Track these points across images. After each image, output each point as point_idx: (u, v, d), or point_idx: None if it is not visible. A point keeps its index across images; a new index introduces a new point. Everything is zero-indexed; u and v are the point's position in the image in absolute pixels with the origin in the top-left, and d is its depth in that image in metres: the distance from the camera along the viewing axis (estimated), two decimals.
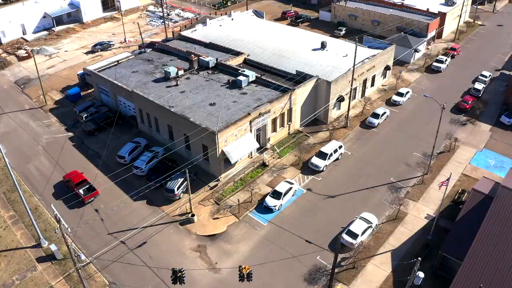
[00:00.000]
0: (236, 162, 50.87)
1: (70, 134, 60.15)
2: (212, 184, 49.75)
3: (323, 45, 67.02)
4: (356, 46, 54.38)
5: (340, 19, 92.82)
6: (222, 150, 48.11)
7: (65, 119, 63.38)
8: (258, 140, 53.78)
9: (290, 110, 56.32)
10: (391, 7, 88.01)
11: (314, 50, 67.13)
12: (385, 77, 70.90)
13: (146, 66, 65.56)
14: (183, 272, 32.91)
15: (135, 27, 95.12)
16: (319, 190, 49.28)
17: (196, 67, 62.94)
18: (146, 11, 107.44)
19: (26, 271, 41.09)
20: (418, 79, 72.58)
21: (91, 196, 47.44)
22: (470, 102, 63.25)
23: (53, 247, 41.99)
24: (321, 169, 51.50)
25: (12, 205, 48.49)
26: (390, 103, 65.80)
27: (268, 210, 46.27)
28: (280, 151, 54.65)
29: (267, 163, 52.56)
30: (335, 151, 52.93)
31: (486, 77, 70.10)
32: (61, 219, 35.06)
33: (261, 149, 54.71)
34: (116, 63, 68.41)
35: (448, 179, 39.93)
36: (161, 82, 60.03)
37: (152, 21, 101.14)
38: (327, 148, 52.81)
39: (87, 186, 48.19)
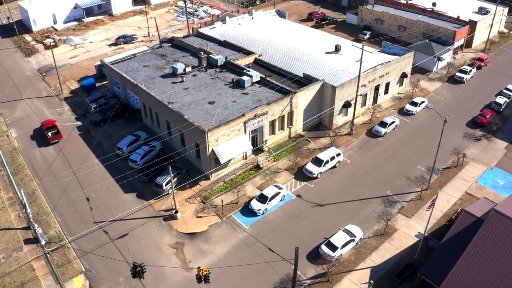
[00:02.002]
0: (228, 162, 50.72)
1: (79, 123, 62.21)
2: (203, 182, 49.82)
3: (337, 49, 65.54)
4: (362, 52, 52.62)
5: (367, 22, 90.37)
6: (212, 149, 48.03)
7: (77, 109, 65.67)
8: (255, 142, 53.34)
9: (291, 114, 55.49)
10: (420, 12, 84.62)
11: (327, 53, 65.78)
12: (402, 85, 68.31)
13: (158, 61, 66.67)
14: (143, 267, 33.19)
15: (162, 22, 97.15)
16: (309, 197, 48.25)
17: (204, 65, 63.30)
18: (175, 6, 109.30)
19: (12, 250, 42.86)
20: (437, 89, 69.41)
21: (56, 138, 57.19)
22: (488, 117, 59.74)
23: (39, 231, 43.61)
24: (315, 176, 50.40)
25: (13, 187, 50.69)
26: (403, 112, 63.32)
27: (252, 213, 45.79)
28: (276, 154, 53.89)
29: (261, 166, 52.03)
30: (332, 158, 51.61)
31: (511, 91, 65.93)
32: (26, 205, 36.37)
33: (259, 151, 54.17)
34: (132, 56, 70.02)
35: (434, 200, 37.81)
36: (168, 77, 60.86)
37: (178, 16, 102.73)
38: (323, 155, 51.61)
39: (55, 130, 57.65)
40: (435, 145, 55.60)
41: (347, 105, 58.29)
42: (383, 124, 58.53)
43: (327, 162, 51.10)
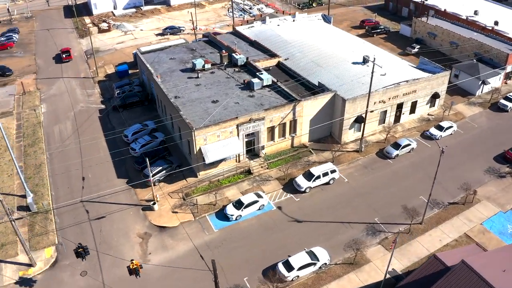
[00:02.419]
0: (218, 162, 50.63)
1: (102, 106, 65.87)
2: (190, 179, 50.33)
3: (365, 60, 62.23)
4: (374, 65, 49.30)
5: (419, 35, 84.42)
6: (200, 148, 48.24)
7: (105, 92, 69.63)
8: (251, 146, 52.61)
9: (294, 122, 53.83)
10: (477, 30, 77.12)
11: (354, 63, 62.77)
12: (434, 106, 63.00)
13: (185, 55, 68.24)
14: (85, 249, 34.43)
15: (214, 17, 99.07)
16: (289, 211, 46.59)
17: (225, 63, 63.60)
18: (231, 2, 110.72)
19: (4, 214, 46.64)
20: (475, 115, 62.97)
21: (67, 58, 79.08)
22: None
23: (29, 200, 47.06)
24: (303, 189, 48.53)
25: (25, 157, 55.26)
26: (426, 135, 58.49)
27: (226, 218, 45.35)
28: (271, 162, 52.68)
29: (252, 171, 51.26)
30: (325, 174, 49.27)
31: None
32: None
33: (255, 156, 53.40)
34: (167, 47, 72.51)
35: (395, 241, 34.38)
36: (187, 72, 62.11)
37: (231, 12, 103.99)
38: (316, 169, 49.47)
39: (68, 54, 79.10)
40: (450, 176, 51.11)
41: (359, 120, 55.14)
42: (396, 146, 54.57)
43: (318, 177, 48.90)
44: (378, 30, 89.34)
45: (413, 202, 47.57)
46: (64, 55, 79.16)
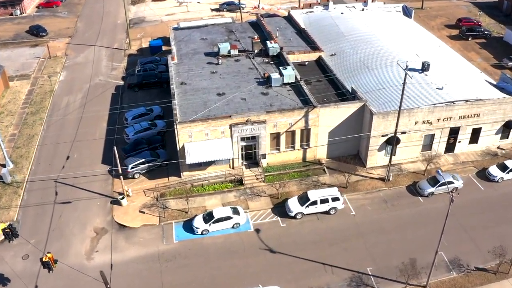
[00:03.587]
0: (205, 164, 50.47)
1: (121, 83, 69.20)
2: (173, 178, 50.86)
3: (424, 67, 56.94)
4: (406, 76, 44.59)
5: None
6: (183, 145, 48.33)
7: (130, 68, 72.98)
8: (250, 152, 51.45)
9: (307, 132, 51.25)
10: None
11: (410, 69, 57.33)
12: (507, 138, 55.41)
13: (220, 36, 68.77)
14: (13, 231, 36.74)
15: None
16: (268, 236, 44.65)
17: (255, 51, 62.75)
18: None
19: None
20: None
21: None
22: None
23: (4, 170, 51.39)
24: (293, 215, 46.16)
25: (22, 125, 60.28)
26: (483, 174, 51.81)
27: (192, 230, 45.01)
28: (268, 175, 50.91)
29: (243, 182, 50.10)
30: (324, 201, 46.22)
31: None
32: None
33: (255, 164, 52.09)
34: (208, 25, 73.80)
35: None
36: (210, 56, 62.64)
37: None
38: (314, 193, 46.64)
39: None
40: (492, 232, 45.43)
41: (392, 141, 50.61)
42: (434, 181, 49.16)
43: (314, 203, 46.07)
44: (475, 33, 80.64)
45: (427, 258, 42.35)
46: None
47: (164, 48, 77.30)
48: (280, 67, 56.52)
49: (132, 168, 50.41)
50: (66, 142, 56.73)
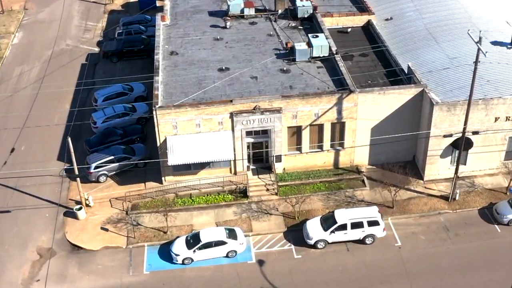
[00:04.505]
0: (196, 167, 50.94)
1: (96, 50, 70.42)
2: (151, 184, 51.61)
3: None
4: (478, 52, 43.39)
5: None
6: (166, 138, 48.78)
7: (110, 30, 74.27)
8: (258, 152, 51.92)
9: (341, 127, 50.97)
10: None
11: (494, 43, 56.71)
12: None
13: None
14: None
15: None
16: (274, 272, 44.53)
17: (279, 11, 63.30)
18: None
19: None
20: None
21: None
22: None
23: None
24: (312, 242, 45.90)
25: None
26: None
27: (170, 257, 45.34)
28: (283, 185, 51.10)
29: (248, 193, 50.26)
30: (358, 225, 45.68)
31: None
32: None
33: (267, 170, 52.53)
34: None
35: None
36: (216, 16, 63.72)
37: None
38: (344, 214, 46.23)
39: None
40: None
41: (458, 144, 49.63)
42: None
43: (343, 227, 45.56)
44: None
45: None
46: None
47: (158, 3, 78.23)
48: (310, 35, 56.28)
49: (96, 168, 51.07)
50: (12, 128, 57.70)
